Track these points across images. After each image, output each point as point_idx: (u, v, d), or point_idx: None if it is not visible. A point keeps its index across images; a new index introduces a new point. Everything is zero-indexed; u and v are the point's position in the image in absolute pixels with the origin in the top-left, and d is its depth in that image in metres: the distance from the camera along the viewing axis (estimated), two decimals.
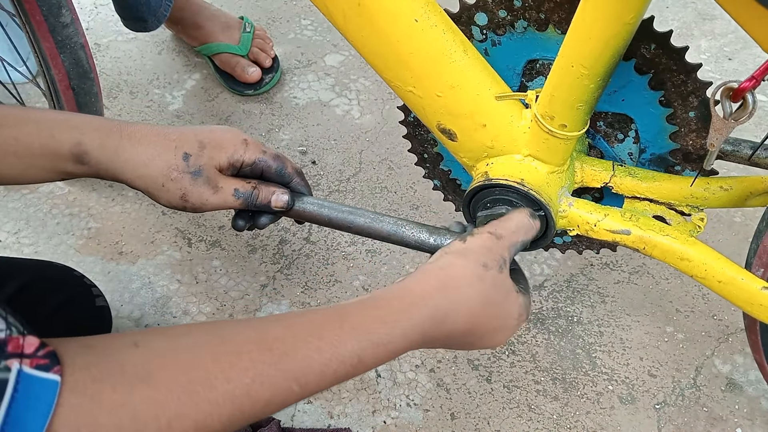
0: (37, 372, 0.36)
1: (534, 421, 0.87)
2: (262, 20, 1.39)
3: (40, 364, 0.36)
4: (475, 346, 0.56)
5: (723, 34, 1.34)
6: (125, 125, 0.58)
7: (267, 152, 0.63)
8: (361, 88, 1.26)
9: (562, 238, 0.77)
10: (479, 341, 0.55)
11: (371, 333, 0.47)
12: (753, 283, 0.60)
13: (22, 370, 0.35)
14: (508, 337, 0.57)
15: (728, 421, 0.87)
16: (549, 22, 0.60)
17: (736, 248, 1.01)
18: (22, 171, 0.57)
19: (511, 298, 0.56)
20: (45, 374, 0.36)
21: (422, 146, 0.76)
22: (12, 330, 0.36)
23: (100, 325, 0.84)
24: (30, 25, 0.87)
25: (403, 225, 0.63)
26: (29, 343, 0.37)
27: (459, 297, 0.52)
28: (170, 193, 0.59)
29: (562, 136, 0.58)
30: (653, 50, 0.57)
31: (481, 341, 0.55)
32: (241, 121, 1.22)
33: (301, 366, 0.44)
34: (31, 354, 0.36)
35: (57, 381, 0.36)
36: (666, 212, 0.65)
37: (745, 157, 0.64)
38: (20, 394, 0.34)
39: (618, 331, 0.95)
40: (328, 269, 1.02)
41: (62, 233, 1.06)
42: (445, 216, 1.08)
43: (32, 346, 0.37)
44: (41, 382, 0.36)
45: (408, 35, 0.58)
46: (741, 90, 0.52)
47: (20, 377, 0.35)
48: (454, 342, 0.54)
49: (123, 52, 1.34)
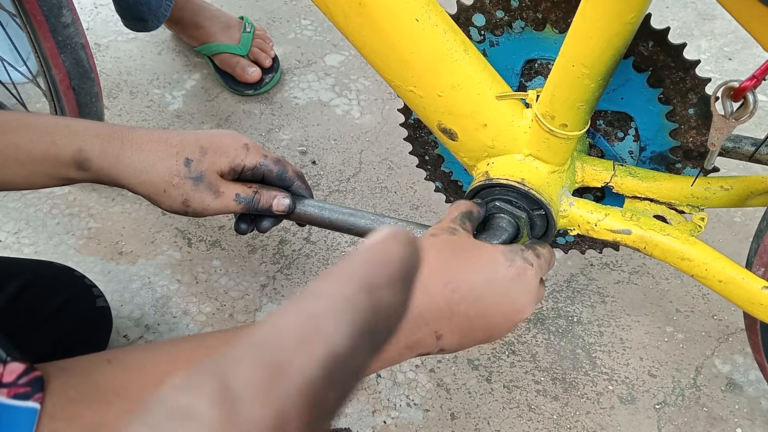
0: (14, 401, 0.36)
1: (534, 421, 0.87)
2: (262, 20, 1.39)
3: (19, 392, 0.36)
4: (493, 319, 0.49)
5: (723, 34, 1.34)
6: (126, 131, 0.58)
7: (268, 156, 0.63)
8: (361, 88, 1.26)
9: (564, 237, 0.77)
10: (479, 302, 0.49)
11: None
12: (753, 282, 0.60)
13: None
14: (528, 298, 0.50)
15: (728, 421, 0.87)
16: (546, 22, 0.60)
17: (737, 248, 1.01)
18: (24, 177, 0.57)
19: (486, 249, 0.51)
20: (23, 402, 0.36)
21: (423, 148, 0.76)
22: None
23: (100, 325, 0.84)
24: (31, 25, 0.87)
25: (404, 226, 0.63)
26: (10, 371, 0.37)
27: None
28: (172, 198, 0.59)
29: (562, 135, 0.58)
30: (651, 47, 0.57)
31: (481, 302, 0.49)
32: (241, 121, 1.22)
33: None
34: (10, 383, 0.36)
35: (36, 408, 0.36)
36: (666, 212, 0.65)
37: (747, 154, 0.64)
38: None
39: (618, 331, 0.95)
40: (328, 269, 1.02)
41: (62, 233, 1.06)
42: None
43: (13, 374, 0.37)
44: (18, 411, 0.36)
45: (409, 35, 0.58)
46: (742, 89, 0.52)
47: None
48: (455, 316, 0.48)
49: (123, 52, 1.34)
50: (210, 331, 0.96)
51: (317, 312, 0.19)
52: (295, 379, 0.18)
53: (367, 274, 0.20)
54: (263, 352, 0.18)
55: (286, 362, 0.18)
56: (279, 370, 0.18)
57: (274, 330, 0.19)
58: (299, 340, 0.18)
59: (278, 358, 0.18)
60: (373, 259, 0.21)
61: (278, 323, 0.19)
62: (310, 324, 0.19)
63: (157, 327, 0.96)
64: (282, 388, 0.18)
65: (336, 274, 0.20)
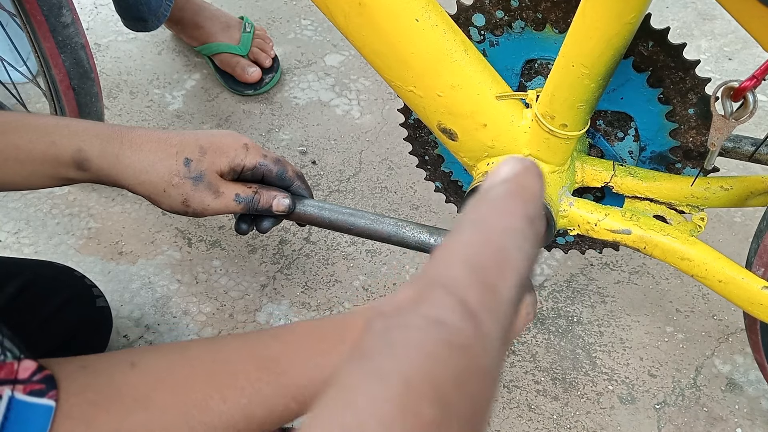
0: (30, 398, 0.35)
1: (534, 421, 0.87)
2: (262, 20, 1.39)
3: (35, 389, 0.36)
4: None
5: (723, 34, 1.34)
6: (126, 131, 0.58)
7: (268, 156, 0.63)
8: (361, 88, 1.26)
9: (564, 237, 0.77)
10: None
11: None
12: (753, 282, 0.60)
13: (14, 396, 0.35)
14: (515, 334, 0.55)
15: (728, 421, 0.87)
16: (546, 22, 0.60)
17: (737, 248, 1.01)
18: (24, 177, 0.57)
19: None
20: (39, 400, 0.36)
21: (423, 148, 0.76)
22: (6, 355, 0.36)
23: (100, 325, 0.84)
24: (30, 25, 0.87)
25: (404, 226, 0.63)
26: (24, 368, 0.36)
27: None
28: (172, 198, 0.59)
29: (562, 135, 0.58)
30: (651, 47, 0.57)
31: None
32: (241, 121, 1.22)
33: (300, 384, 0.44)
34: (25, 379, 0.36)
35: (51, 406, 0.36)
36: (666, 212, 0.65)
37: (747, 154, 0.64)
38: (11, 421, 0.34)
39: (618, 331, 0.95)
40: (328, 269, 1.02)
41: (62, 233, 1.06)
42: (445, 216, 1.08)
43: (28, 371, 0.36)
44: (34, 408, 0.35)
45: (409, 35, 0.58)
46: (742, 89, 0.52)
47: (12, 404, 0.34)
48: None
49: (123, 52, 1.34)
50: (210, 330, 0.96)
51: (504, 245, 0.23)
52: (505, 300, 0.22)
53: (524, 209, 0.23)
54: (478, 275, 0.21)
55: (497, 285, 0.22)
56: (494, 291, 0.21)
57: (477, 257, 0.22)
58: (498, 270, 0.22)
59: (491, 282, 0.22)
60: (526, 194, 0.24)
61: (471, 257, 0.22)
62: (500, 255, 0.22)
63: (157, 327, 0.96)
64: (501, 307, 0.22)
65: (496, 208, 0.24)
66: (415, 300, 0.21)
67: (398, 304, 0.21)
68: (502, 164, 0.25)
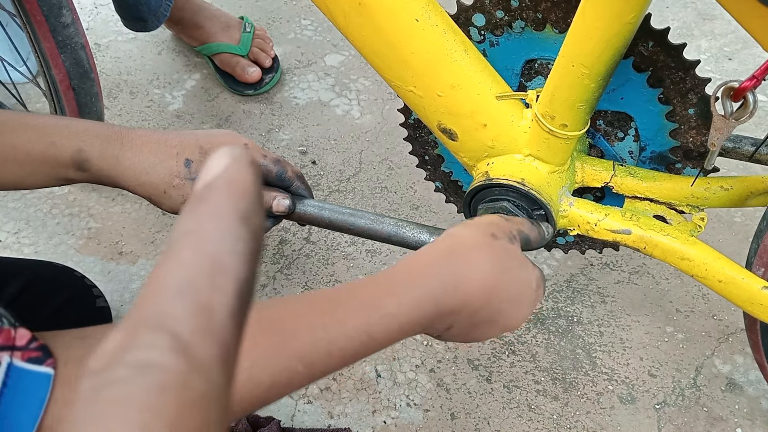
0: (28, 365, 0.35)
1: (534, 421, 0.87)
2: (262, 20, 1.39)
3: (33, 356, 0.35)
4: (497, 325, 0.52)
5: (723, 34, 1.34)
6: (126, 132, 0.58)
7: (267, 156, 0.63)
8: (361, 88, 1.26)
9: (564, 237, 0.77)
10: (499, 315, 0.51)
11: (379, 307, 0.45)
12: (753, 282, 0.60)
13: (13, 363, 0.34)
14: (528, 313, 0.53)
15: (728, 421, 0.87)
16: (546, 22, 0.60)
17: (737, 248, 1.01)
18: (23, 177, 0.57)
19: (528, 267, 0.53)
20: (37, 367, 0.35)
21: (423, 148, 0.76)
22: (3, 321, 0.36)
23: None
24: (30, 25, 0.87)
25: (404, 226, 0.63)
26: (21, 336, 0.36)
27: (469, 261, 0.49)
28: (172, 199, 0.59)
29: (562, 135, 0.58)
30: (651, 47, 0.57)
31: (501, 315, 0.51)
32: (241, 121, 1.22)
33: (305, 345, 0.42)
34: (23, 346, 0.35)
35: (50, 374, 0.35)
36: (666, 212, 0.65)
37: (747, 154, 0.64)
38: (10, 388, 0.34)
39: (618, 331, 0.95)
40: (328, 269, 1.02)
41: (62, 233, 1.06)
42: (445, 216, 1.08)
43: (24, 339, 0.36)
44: (33, 375, 0.35)
45: (409, 35, 0.58)
46: (742, 89, 0.52)
47: (10, 370, 0.34)
48: (473, 318, 0.50)
49: (123, 52, 1.34)
50: None
51: (216, 253, 0.21)
52: (224, 315, 0.20)
53: (235, 207, 0.22)
54: (189, 298, 0.20)
55: (212, 303, 0.20)
56: (209, 311, 0.20)
57: (187, 277, 0.20)
58: (212, 285, 0.20)
59: (204, 302, 0.20)
60: (235, 189, 0.22)
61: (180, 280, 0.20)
62: (213, 268, 0.21)
63: None
64: (220, 324, 0.20)
65: (204, 212, 0.22)
66: (123, 345, 0.19)
67: (105, 355, 0.19)
68: (210, 159, 0.23)
